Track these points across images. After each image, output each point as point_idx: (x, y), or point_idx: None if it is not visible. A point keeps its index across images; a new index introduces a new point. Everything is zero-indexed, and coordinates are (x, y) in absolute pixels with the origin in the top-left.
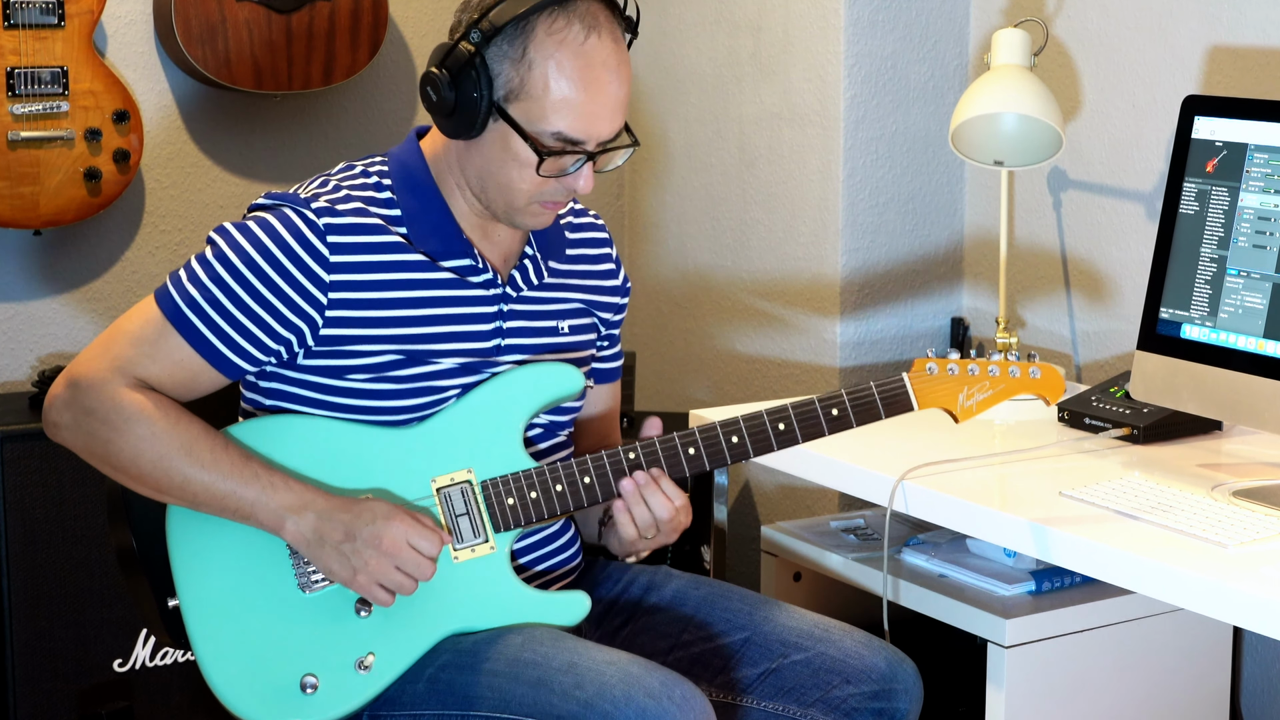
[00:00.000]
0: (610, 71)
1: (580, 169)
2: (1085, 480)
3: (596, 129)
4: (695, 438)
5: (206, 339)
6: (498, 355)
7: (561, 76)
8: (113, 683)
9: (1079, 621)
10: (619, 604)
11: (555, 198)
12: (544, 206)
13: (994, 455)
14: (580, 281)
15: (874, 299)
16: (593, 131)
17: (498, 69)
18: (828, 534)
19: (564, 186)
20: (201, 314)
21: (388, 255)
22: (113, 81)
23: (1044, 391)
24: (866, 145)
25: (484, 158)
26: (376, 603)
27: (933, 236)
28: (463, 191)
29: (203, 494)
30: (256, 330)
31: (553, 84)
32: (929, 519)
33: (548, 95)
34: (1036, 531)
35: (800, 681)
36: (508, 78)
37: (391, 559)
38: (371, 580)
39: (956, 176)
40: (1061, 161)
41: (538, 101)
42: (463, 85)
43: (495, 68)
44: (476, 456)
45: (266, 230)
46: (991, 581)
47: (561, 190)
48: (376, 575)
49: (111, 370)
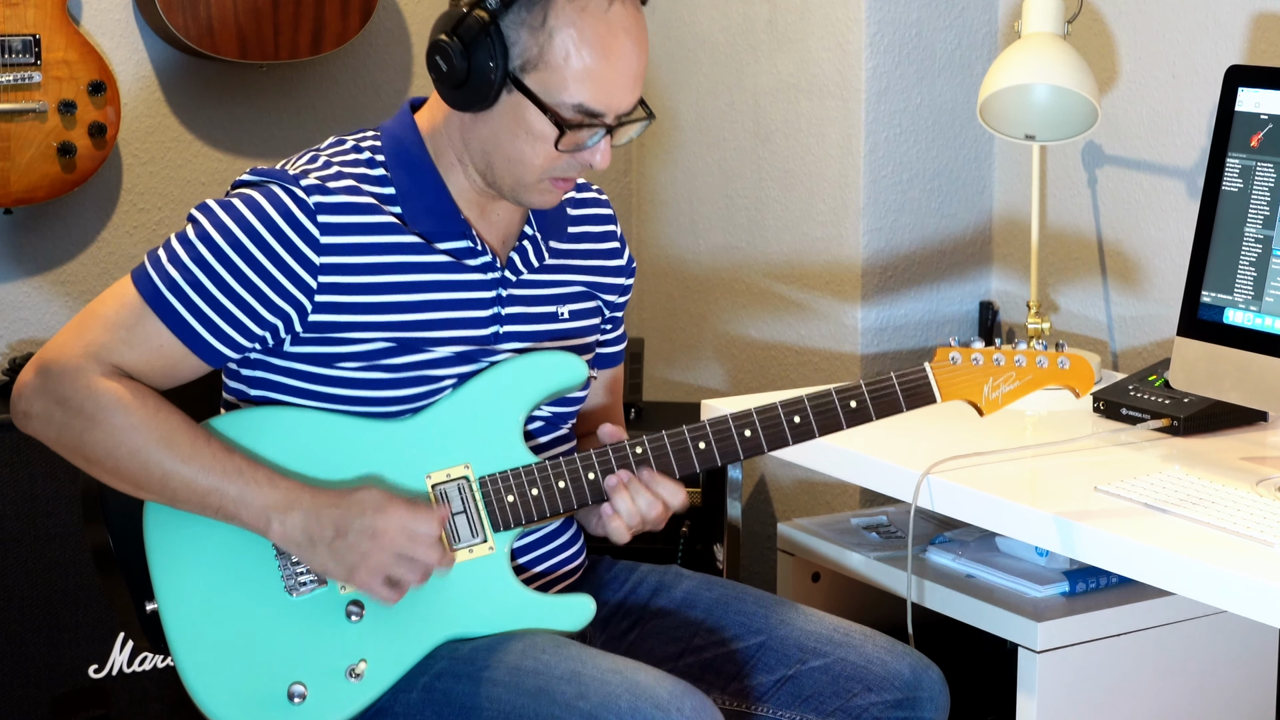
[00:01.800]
0: (633, 40)
1: (598, 143)
2: (1122, 474)
3: (617, 101)
4: (706, 431)
5: (187, 323)
6: (496, 343)
7: (584, 45)
8: (87, 690)
9: (1115, 625)
10: (625, 607)
11: (567, 174)
12: (554, 184)
13: (1025, 448)
14: (583, 262)
15: (897, 282)
16: (613, 104)
17: (514, 37)
18: (848, 532)
19: (578, 162)
20: (182, 297)
21: (381, 236)
22: (88, 51)
23: (1073, 383)
24: (889, 119)
25: (493, 131)
26: (380, 600)
27: (959, 216)
28: (464, 167)
29: (183, 490)
30: (241, 315)
31: (574, 53)
32: (956, 516)
33: (569, 65)
34: (1070, 529)
35: (819, 689)
36: (525, 46)
37: (391, 549)
38: (372, 576)
39: (985, 152)
40: (1097, 136)
41: (557, 72)
42: (476, 54)
43: (511, 36)
44: (474, 451)
45: (252, 208)
46: (1022, 582)
47: (575, 166)
48: (378, 569)
49: (86, 356)
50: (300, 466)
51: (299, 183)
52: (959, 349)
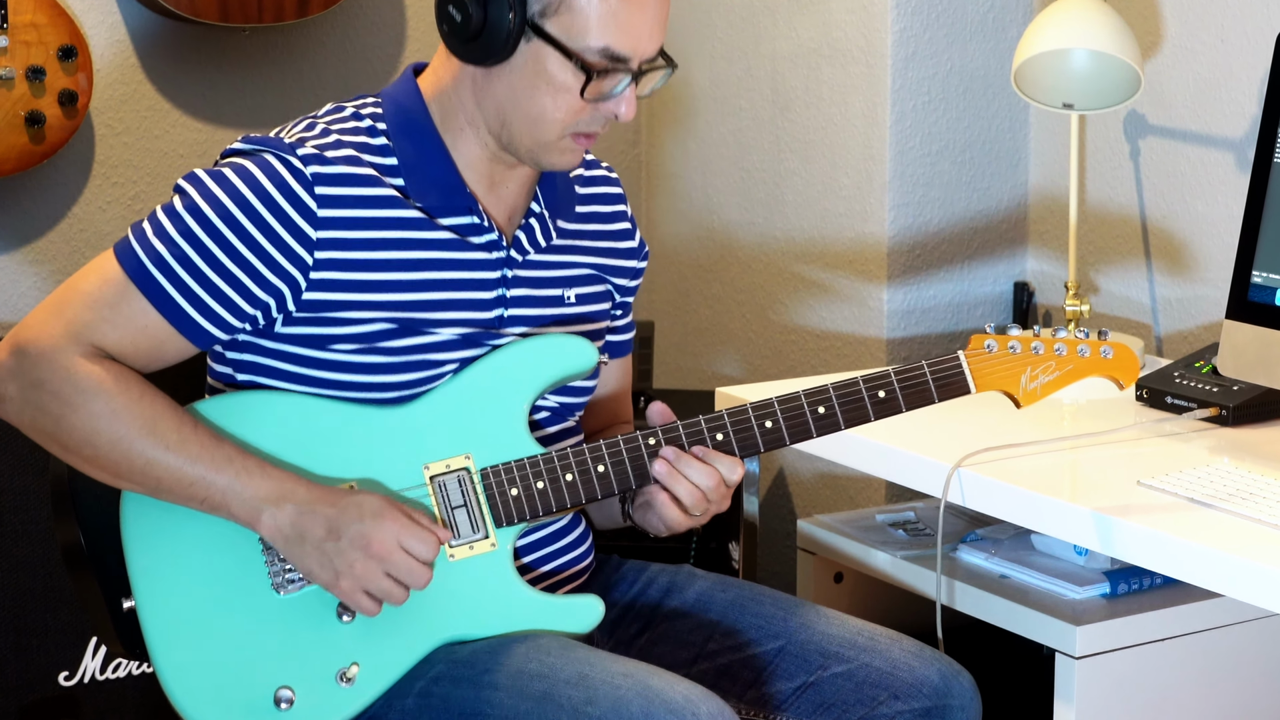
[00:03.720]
0: None
1: (624, 91)
2: (1167, 467)
3: (643, 45)
4: (723, 422)
5: (174, 302)
6: (500, 326)
7: None
8: (57, 698)
9: (1160, 629)
10: (635, 608)
11: (591, 128)
12: (576, 140)
13: (1063, 439)
14: (591, 244)
15: (925, 261)
16: (639, 47)
17: None
18: (873, 529)
19: (603, 113)
20: (169, 273)
21: (381, 210)
22: (58, 13)
23: (1117, 373)
24: (917, 86)
25: (510, 86)
26: (360, 611)
27: (993, 190)
28: (475, 132)
29: (167, 480)
30: (231, 292)
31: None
32: (989, 512)
33: (592, 6)
34: (1111, 526)
35: (842, 696)
36: None
37: (381, 563)
38: (356, 586)
39: (1020, 121)
40: (1140, 105)
41: (580, 14)
42: (491, 2)
43: None
44: (475, 441)
45: (245, 178)
46: (1060, 583)
47: (599, 118)
48: (362, 581)
49: (65, 336)
50: (291, 456)
51: (295, 151)
52: (995, 336)
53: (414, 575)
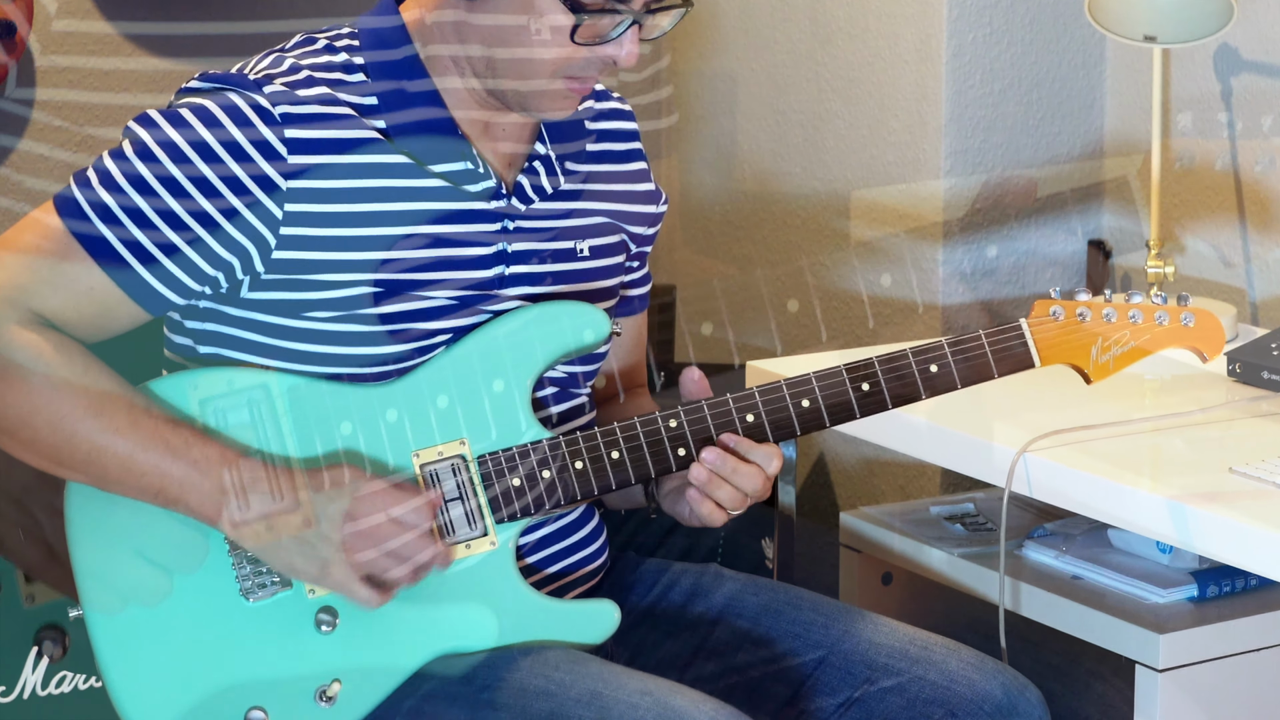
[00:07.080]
0: None
1: (624, 34)
2: (1263, 453)
3: None
4: (755, 400)
5: (123, 260)
6: (500, 288)
7: None
8: None
9: (1254, 638)
10: (655, 614)
11: (585, 73)
12: (569, 86)
13: (1143, 420)
14: (605, 187)
15: (987, 217)
16: None
17: None
18: (927, 523)
19: (598, 58)
20: (117, 227)
21: (360, 155)
22: None
23: (1199, 344)
24: (977, 15)
25: (495, 21)
26: (361, 604)
27: (1063, 135)
28: (460, 70)
29: (115, 469)
30: (189, 250)
31: None
32: (1058, 503)
33: None
34: (1199, 519)
35: (892, 714)
36: None
37: (372, 541)
38: (350, 575)
39: (1095, 57)
40: (1232, 37)
41: None
42: None
43: None
44: (472, 423)
45: (204, 119)
46: (1141, 585)
47: (594, 63)
48: (358, 566)
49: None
50: (259, 442)
51: (261, 89)
52: (1061, 301)
53: (416, 544)
